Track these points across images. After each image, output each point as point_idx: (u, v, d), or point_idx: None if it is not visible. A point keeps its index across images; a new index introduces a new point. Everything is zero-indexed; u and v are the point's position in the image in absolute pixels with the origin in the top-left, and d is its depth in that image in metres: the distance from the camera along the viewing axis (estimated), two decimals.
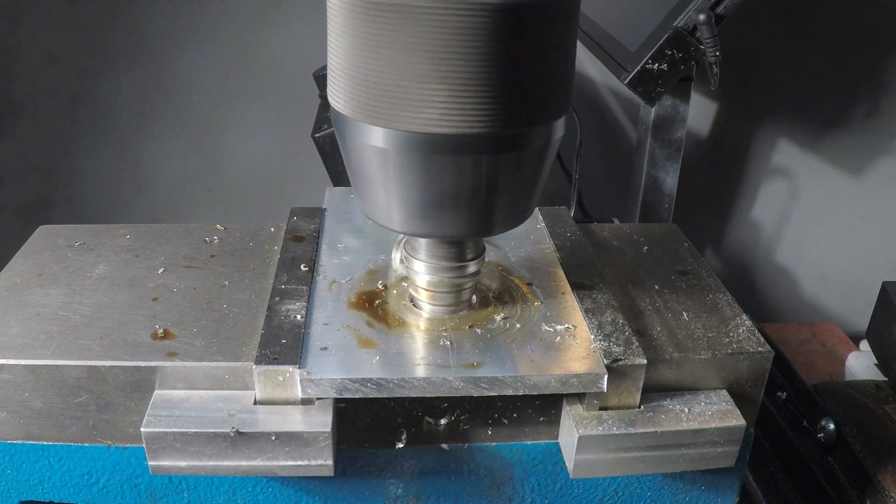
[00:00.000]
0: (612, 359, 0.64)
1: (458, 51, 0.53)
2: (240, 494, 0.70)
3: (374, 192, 0.62)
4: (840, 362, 1.28)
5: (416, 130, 0.56)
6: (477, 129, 0.55)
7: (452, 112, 0.55)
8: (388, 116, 0.56)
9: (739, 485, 0.74)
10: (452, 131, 0.55)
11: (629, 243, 0.86)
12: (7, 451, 0.67)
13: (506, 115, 0.56)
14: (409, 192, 0.60)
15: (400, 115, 0.55)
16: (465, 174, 0.58)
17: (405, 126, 0.56)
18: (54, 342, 0.66)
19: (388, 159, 0.58)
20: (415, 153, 0.57)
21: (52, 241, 0.82)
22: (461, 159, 0.57)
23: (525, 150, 0.59)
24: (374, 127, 0.57)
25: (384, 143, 0.57)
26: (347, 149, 0.62)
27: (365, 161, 0.60)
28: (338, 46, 0.58)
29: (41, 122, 1.53)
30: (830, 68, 1.55)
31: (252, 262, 0.79)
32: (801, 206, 1.67)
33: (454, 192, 0.59)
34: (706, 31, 0.95)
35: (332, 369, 0.62)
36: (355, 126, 0.59)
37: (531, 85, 0.56)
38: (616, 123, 1.61)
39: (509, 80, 0.55)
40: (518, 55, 0.54)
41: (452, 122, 0.55)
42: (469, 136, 0.56)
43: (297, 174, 1.63)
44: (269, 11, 1.49)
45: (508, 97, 0.55)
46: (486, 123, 0.55)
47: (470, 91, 0.54)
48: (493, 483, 0.71)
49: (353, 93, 0.57)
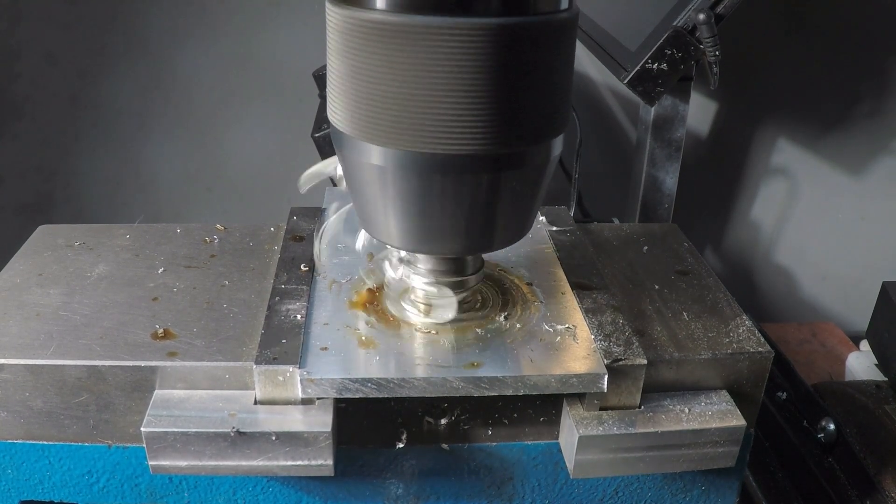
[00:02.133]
0: (613, 359, 0.64)
1: (456, 71, 0.53)
2: (240, 494, 0.70)
3: (373, 210, 0.62)
4: (840, 362, 1.28)
5: (415, 150, 0.56)
6: (476, 149, 0.56)
7: (452, 131, 0.55)
8: (387, 135, 0.56)
9: (739, 485, 0.74)
10: (452, 151, 0.55)
11: (629, 243, 0.86)
12: (7, 451, 0.67)
13: (505, 135, 0.56)
14: (408, 210, 0.60)
15: (399, 134, 0.56)
16: (464, 193, 0.58)
17: (404, 145, 0.56)
18: (54, 342, 0.66)
19: (387, 177, 0.58)
20: (414, 172, 0.57)
21: (51, 241, 0.82)
22: (461, 178, 0.57)
23: (524, 168, 0.59)
24: (373, 146, 0.57)
25: (383, 161, 0.58)
26: (347, 166, 0.62)
27: (364, 179, 0.60)
28: (337, 65, 0.58)
29: (41, 122, 1.53)
30: (830, 68, 1.55)
31: (252, 262, 0.79)
32: (801, 206, 1.67)
33: (453, 211, 0.59)
34: (706, 31, 0.95)
35: (332, 369, 0.62)
36: (354, 144, 0.59)
37: (530, 104, 0.57)
38: (616, 123, 1.61)
39: (508, 100, 0.55)
40: (516, 75, 0.55)
41: (452, 142, 0.55)
42: (468, 155, 0.56)
43: (297, 174, 1.62)
44: (269, 11, 1.49)
45: (507, 117, 0.55)
46: (486, 143, 0.55)
47: (469, 111, 0.54)
48: (493, 483, 0.71)
49: (353, 111, 0.57)
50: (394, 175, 0.58)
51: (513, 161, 0.58)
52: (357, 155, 0.59)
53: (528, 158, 0.59)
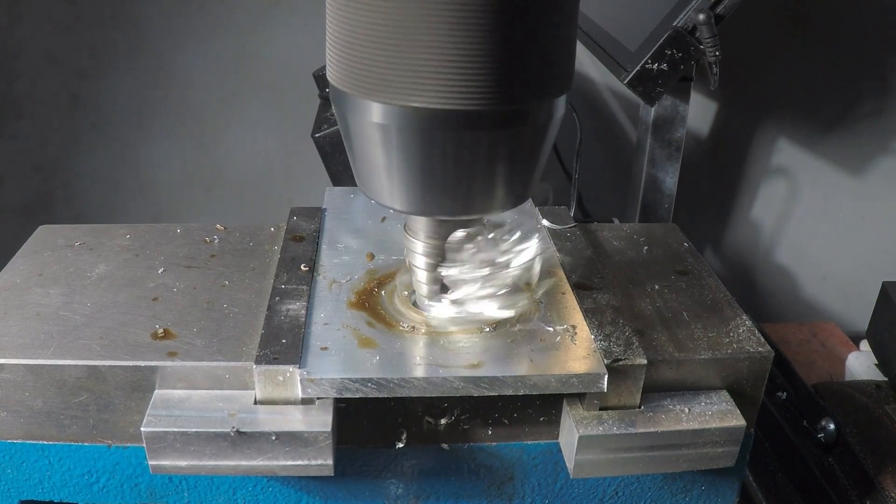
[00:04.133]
0: (613, 359, 0.64)
1: (459, 24, 0.52)
2: (240, 494, 0.70)
3: (374, 171, 0.62)
4: (840, 362, 1.28)
5: (417, 105, 0.55)
6: (479, 105, 0.55)
7: (455, 87, 0.54)
8: (389, 92, 0.55)
9: (739, 485, 0.74)
10: (454, 106, 0.55)
11: (629, 243, 0.86)
12: (7, 451, 0.67)
13: (508, 90, 0.55)
14: (411, 169, 0.59)
15: (400, 91, 0.55)
16: (466, 150, 0.58)
17: (406, 101, 0.55)
18: (54, 342, 0.66)
19: (390, 136, 0.58)
20: (416, 129, 0.56)
21: (52, 240, 0.82)
22: (463, 135, 0.57)
23: (527, 126, 0.59)
24: (375, 103, 0.57)
25: (385, 119, 0.57)
26: (347, 127, 0.61)
27: (365, 139, 0.60)
28: (337, 21, 0.57)
29: (41, 122, 1.53)
30: (830, 68, 1.55)
31: (252, 262, 0.79)
32: (801, 206, 1.67)
33: (456, 169, 0.59)
34: (706, 31, 0.95)
35: (332, 369, 0.62)
36: (355, 103, 0.58)
37: (533, 59, 0.56)
38: (616, 123, 1.61)
39: (511, 55, 0.54)
40: (520, 29, 0.54)
41: (455, 97, 0.54)
42: (471, 111, 0.55)
43: (297, 174, 1.63)
44: (269, 11, 1.49)
45: (511, 72, 0.55)
46: (489, 98, 0.55)
47: (472, 65, 0.54)
48: (493, 483, 0.71)
49: (353, 69, 0.57)
50: (396, 133, 0.57)
51: (516, 118, 0.58)
52: (358, 114, 0.58)
53: (532, 116, 0.58)
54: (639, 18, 1.08)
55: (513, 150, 0.60)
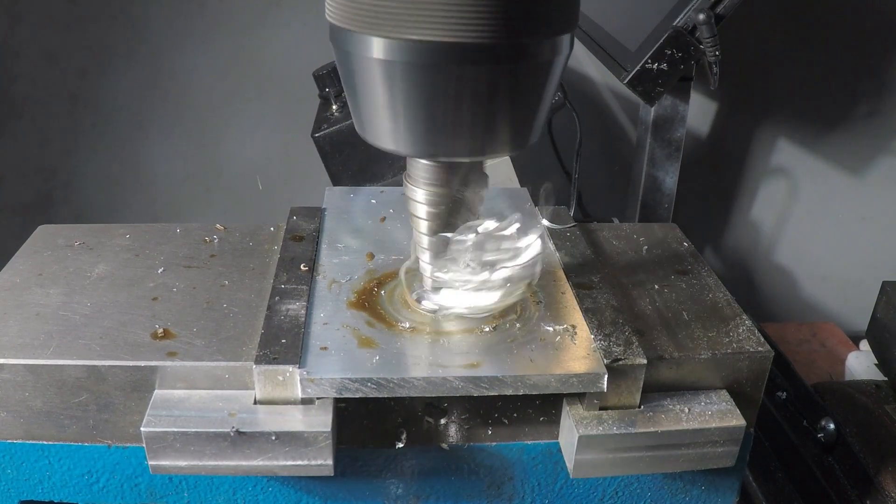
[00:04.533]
0: (612, 359, 0.64)
1: None
2: (240, 494, 0.70)
3: (375, 113, 0.61)
4: (840, 362, 1.28)
5: (419, 39, 0.54)
6: (483, 38, 0.54)
7: (459, 19, 0.53)
8: (391, 25, 0.55)
9: (739, 485, 0.74)
10: (458, 39, 0.54)
11: (629, 243, 0.86)
12: (7, 451, 0.67)
13: (513, 24, 0.55)
14: (412, 107, 0.58)
15: (403, 24, 0.54)
16: (470, 86, 0.57)
17: (408, 34, 0.54)
18: (54, 342, 0.66)
19: (392, 72, 0.57)
20: (418, 64, 0.56)
21: (51, 240, 0.82)
22: (467, 69, 0.56)
23: (532, 62, 0.58)
24: (376, 38, 0.56)
25: (387, 54, 0.56)
26: (348, 67, 0.60)
27: (367, 78, 0.59)
28: None
29: (41, 122, 1.53)
30: (830, 68, 1.55)
31: (252, 262, 0.79)
32: (801, 206, 1.67)
33: (458, 106, 0.58)
34: (706, 31, 0.96)
35: (332, 369, 0.62)
36: (356, 39, 0.57)
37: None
38: (616, 123, 1.61)
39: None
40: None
41: (459, 30, 0.54)
42: (475, 44, 0.54)
43: (297, 174, 1.63)
44: (269, 11, 1.50)
45: (515, 4, 0.54)
46: (493, 32, 0.54)
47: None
48: (493, 483, 0.71)
49: (354, 2, 0.56)
50: (398, 69, 0.56)
51: (521, 53, 0.57)
52: (360, 50, 0.57)
53: (537, 52, 0.58)
54: (639, 18, 1.08)
55: (517, 88, 0.59)
